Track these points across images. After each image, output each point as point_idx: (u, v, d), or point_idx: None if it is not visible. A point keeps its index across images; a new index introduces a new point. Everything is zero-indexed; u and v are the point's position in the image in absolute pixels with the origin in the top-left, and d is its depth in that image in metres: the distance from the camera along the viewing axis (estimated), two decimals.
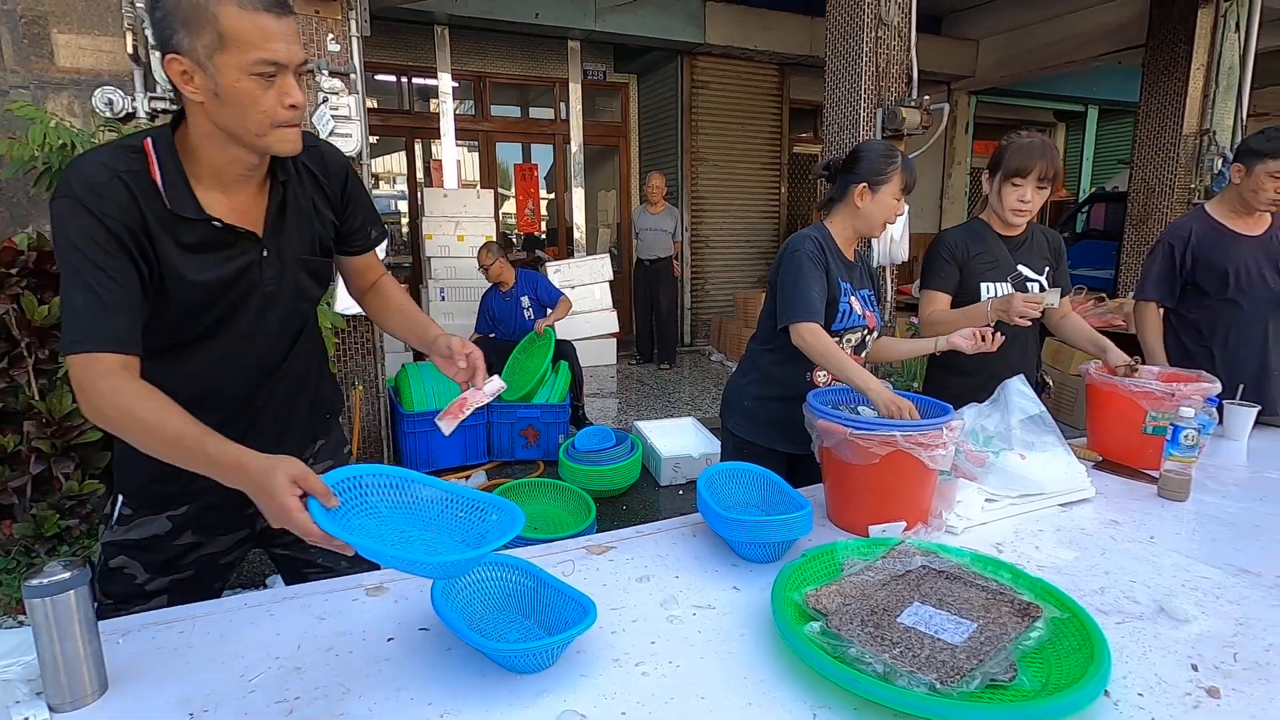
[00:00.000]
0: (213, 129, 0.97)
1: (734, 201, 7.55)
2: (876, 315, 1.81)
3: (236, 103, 0.93)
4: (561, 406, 4.01)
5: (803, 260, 1.65)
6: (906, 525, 1.30)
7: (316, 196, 1.15)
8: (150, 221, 0.96)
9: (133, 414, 0.91)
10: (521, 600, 1.05)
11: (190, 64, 0.91)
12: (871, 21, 4.32)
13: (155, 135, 0.99)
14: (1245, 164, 2.13)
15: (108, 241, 0.92)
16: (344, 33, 3.24)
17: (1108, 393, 1.73)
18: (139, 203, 0.95)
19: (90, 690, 0.84)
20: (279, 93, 0.94)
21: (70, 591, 0.81)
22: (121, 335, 0.93)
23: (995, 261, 1.94)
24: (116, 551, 1.16)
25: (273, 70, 0.92)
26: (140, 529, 1.16)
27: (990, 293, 1.91)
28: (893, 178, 1.68)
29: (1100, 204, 8.59)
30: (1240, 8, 5.78)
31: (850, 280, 1.75)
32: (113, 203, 0.93)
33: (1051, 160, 1.81)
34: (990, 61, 8.12)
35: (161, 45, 0.92)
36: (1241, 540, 1.32)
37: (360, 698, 0.86)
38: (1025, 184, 1.83)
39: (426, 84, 6.76)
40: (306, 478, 0.85)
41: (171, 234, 0.98)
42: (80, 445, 2.50)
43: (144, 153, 0.97)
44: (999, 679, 0.83)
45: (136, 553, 1.16)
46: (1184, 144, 5.94)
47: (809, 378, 1.73)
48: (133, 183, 0.95)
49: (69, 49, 2.93)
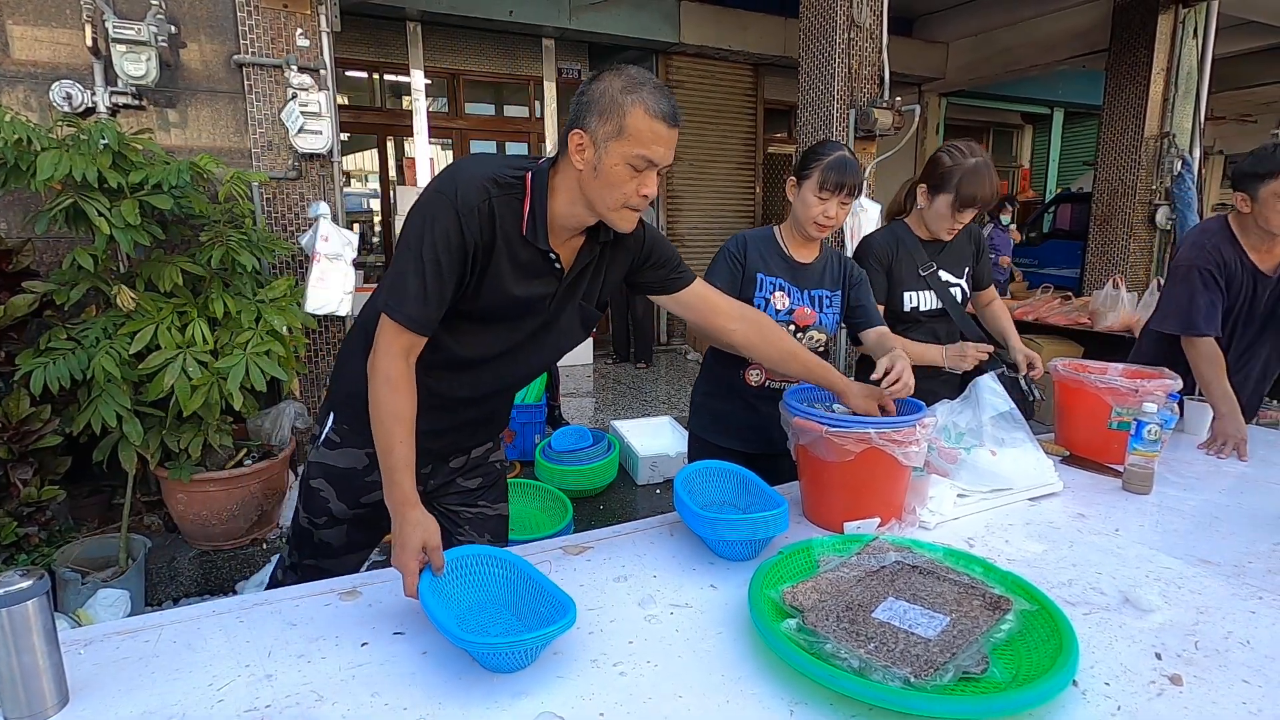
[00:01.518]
0: (578, 193, 1.14)
1: (709, 201, 7.58)
2: (821, 313, 1.73)
3: (607, 181, 1.10)
4: (538, 406, 3.98)
5: (718, 258, 1.73)
6: (881, 521, 1.31)
7: (616, 256, 1.31)
8: (498, 239, 1.14)
9: (385, 396, 1.10)
10: (503, 596, 1.05)
11: (588, 141, 1.10)
12: (844, 23, 4.37)
13: (535, 173, 1.16)
14: (1248, 191, 1.89)
15: (457, 248, 1.10)
16: (313, 28, 3.18)
17: (1075, 389, 1.77)
18: (495, 224, 1.13)
19: (50, 703, 0.82)
20: (640, 183, 1.11)
21: (28, 601, 0.79)
22: (427, 321, 1.13)
23: (917, 269, 1.93)
24: (318, 473, 1.36)
25: (645, 165, 1.10)
26: (343, 459, 1.34)
27: (912, 302, 1.92)
28: (814, 173, 1.62)
29: (1066, 204, 8.80)
30: (1198, 15, 5.96)
31: (790, 278, 1.71)
32: (474, 221, 1.11)
33: (996, 187, 1.84)
34: (960, 64, 8.26)
35: (574, 121, 1.12)
36: (1201, 532, 1.37)
37: (334, 704, 0.85)
38: (971, 210, 1.83)
39: (399, 81, 6.68)
40: (436, 550, 1.03)
41: (511, 251, 1.16)
42: (39, 450, 2.42)
43: (524, 185, 1.15)
44: (971, 671, 0.85)
45: (334, 479, 1.35)
46: (1146, 146, 6.10)
47: (741, 376, 1.75)
48: (499, 206, 1.13)
49: (24, 41, 2.83)
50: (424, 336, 1.14)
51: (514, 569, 1.06)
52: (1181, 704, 0.86)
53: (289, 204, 3.27)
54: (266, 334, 2.55)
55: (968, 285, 2.01)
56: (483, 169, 1.13)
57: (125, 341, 2.37)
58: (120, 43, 2.79)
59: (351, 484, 1.34)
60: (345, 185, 4.06)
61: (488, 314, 1.21)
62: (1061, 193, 9.49)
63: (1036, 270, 8.22)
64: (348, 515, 1.37)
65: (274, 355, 2.52)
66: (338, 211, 3.29)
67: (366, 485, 1.34)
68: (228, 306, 2.54)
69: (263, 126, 3.18)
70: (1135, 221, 6.26)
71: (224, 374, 2.44)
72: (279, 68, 3.14)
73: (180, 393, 2.36)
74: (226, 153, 3.18)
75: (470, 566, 1.07)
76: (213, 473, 2.61)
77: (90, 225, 2.33)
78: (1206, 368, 1.91)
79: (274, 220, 3.24)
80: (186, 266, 2.54)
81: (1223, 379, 1.89)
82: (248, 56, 3.10)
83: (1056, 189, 10.82)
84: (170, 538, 2.80)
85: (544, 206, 1.15)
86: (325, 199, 3.28)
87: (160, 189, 2.46)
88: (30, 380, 2.30)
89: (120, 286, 2.42)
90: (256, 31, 3.10)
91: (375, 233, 7.23)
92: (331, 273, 2.96)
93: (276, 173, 3.21)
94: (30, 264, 2.63)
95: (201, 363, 2.43)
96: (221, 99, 3.15)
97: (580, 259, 1.24)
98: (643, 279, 1.37)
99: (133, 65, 2.81)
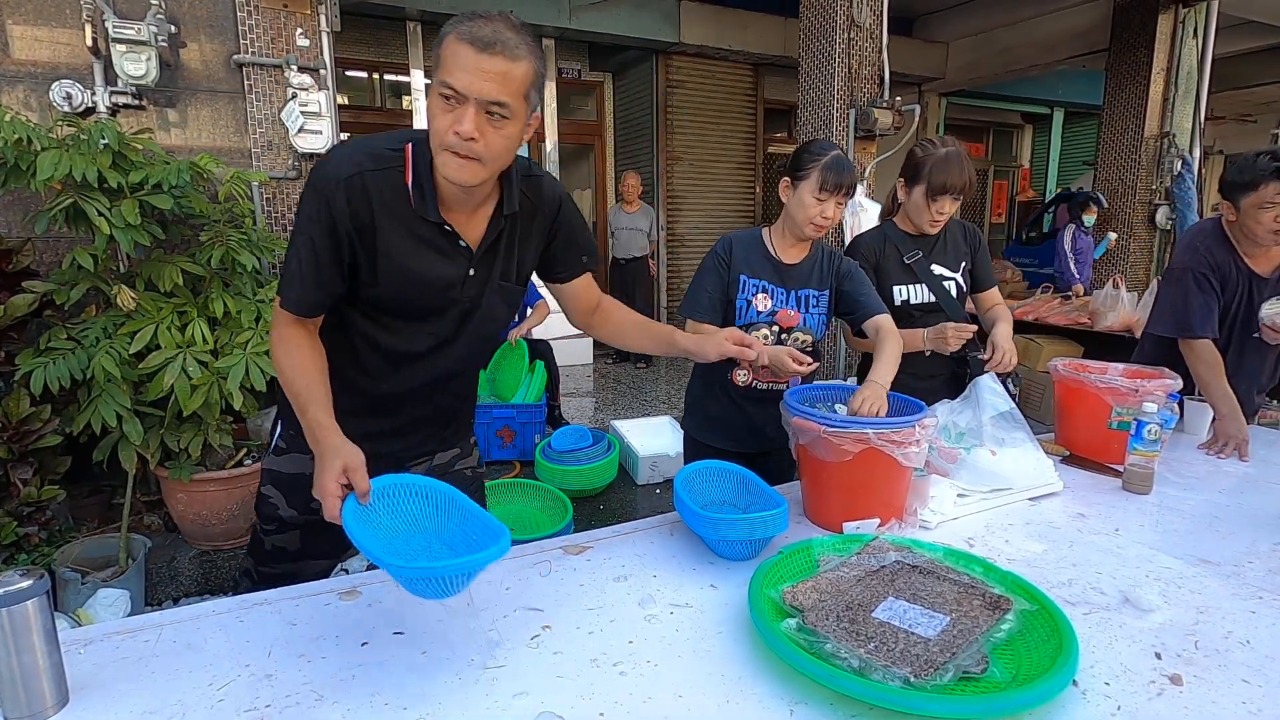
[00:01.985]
0: None
1: (709, 201, 7.58)
2: (807, 314, 1.72)
3: (429, 118, 1.05)
4: (538, 406, 3.98)
5: (706, 258, 1.73)
6: (880, 521, 1.31)
7: (530, 229, 1.26)
8: (377, 215, 1.10)
9: (281, 359, 1.12)
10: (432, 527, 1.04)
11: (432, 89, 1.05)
12: (844, 23, 4.37)
13: (416, 142, 1.11)
14: (1231, 201, 1.92)
15: (327, 228, 1.09)
16: (313, 28, 3.18)
17: (1075, 389, 1.77)
18: (368, 198, 1.09)
19: (50, 703, 0.82)
20: (454, 119, 1.02)
21: (28, 601, 0.79)
22: (307, 304, 1.13)
23: (902, 260, 1.93)
24: (268, 480, 1.35)
25: (452, 95, 1.01)
26: (289, 464, 1.31)
27: (902, 296, 1.92)
28: (811, 174, 1.60)
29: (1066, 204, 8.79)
30: (1198, 14, 5.96)
31: (776, 279, 1.70)
32: (340, 196, 1.08)
33: (971, 176, 1.83)
34: (960, 64, 8.26)
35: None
36: (1201, 531, 1.37)
37: (334, 704, 0.85)
38: (945, 198, 1.84)
39: (399, 80, 6.68)
40: (356, 471, 0.98)
41: (403, 227, 1.12)
42: (39, 450, 2.42)
43: (403, 155, 1.11)
44: (971, 671, 0.85)
45: (281, 486, 1.33)
46: (1145, 146, 6.11)
47: (729, 377, 1.74)
48: (372, 180, 1.09)
49: (24, 41, 2.83)
50: (310, 318, 1.15)
51: (447, 499, 1.04)
52: (1182, 704, 0.86)
53: (289, 204, 3.27)
54: (266, 334, 2.55)
55: (964, 281, 1.99)
56: (359, 147, 1.11)
57: (125, 341, 2.37)
58: (120, 42, 2.79)
59: (299, 489, 1.28)
60: None
61: (401, 300, 1.18)
62: (1061, 193, 9.48)
63: (1036, 270, 8.22)
64: (299, 521, 1.34)
65: None
66: None
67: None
68: (228, 306, 2.55)
69: (263, 126, 3.18)
70: (1135, 221, 6.27)
71: (224, 374, 2.44)
72: (279, 67, 3.14)
73: (180, 392, 2.36)
74: (226, 152, 3.18)
75: (399, 497, 1.03)
76: (213, 472, 2.61)
77: (90, 225, 2.33)
78: (1204, 370, 1.91)
79: (274, 220, 3.24)
80: (186, 266, 2.54)
81: (1221, 380, 1.89)
82: (248, 56, 3.10)
83: (1056, 189, 10.81)
84: (170, 537, 2.80)
85: (430, 172, 1.10)
86: None
87: (160, 189, 2.46)
88: (30, 380, 2.30)
89: (120, 286, 2.42)
90: (256, 31, 3.11)
91: None
92: None
93: (276, 172, 3.21)
94: (30, 264, 2.63)
95: (201, 362, 2.43)
96: (221, 99, 3.15)
97: (489, 234, 1.19)
98: (553, 257, 1.33)
99: (133, 65, 2.81)
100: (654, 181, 7.16)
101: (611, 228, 6.34)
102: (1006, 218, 11.38)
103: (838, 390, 1.53)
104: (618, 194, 6.62)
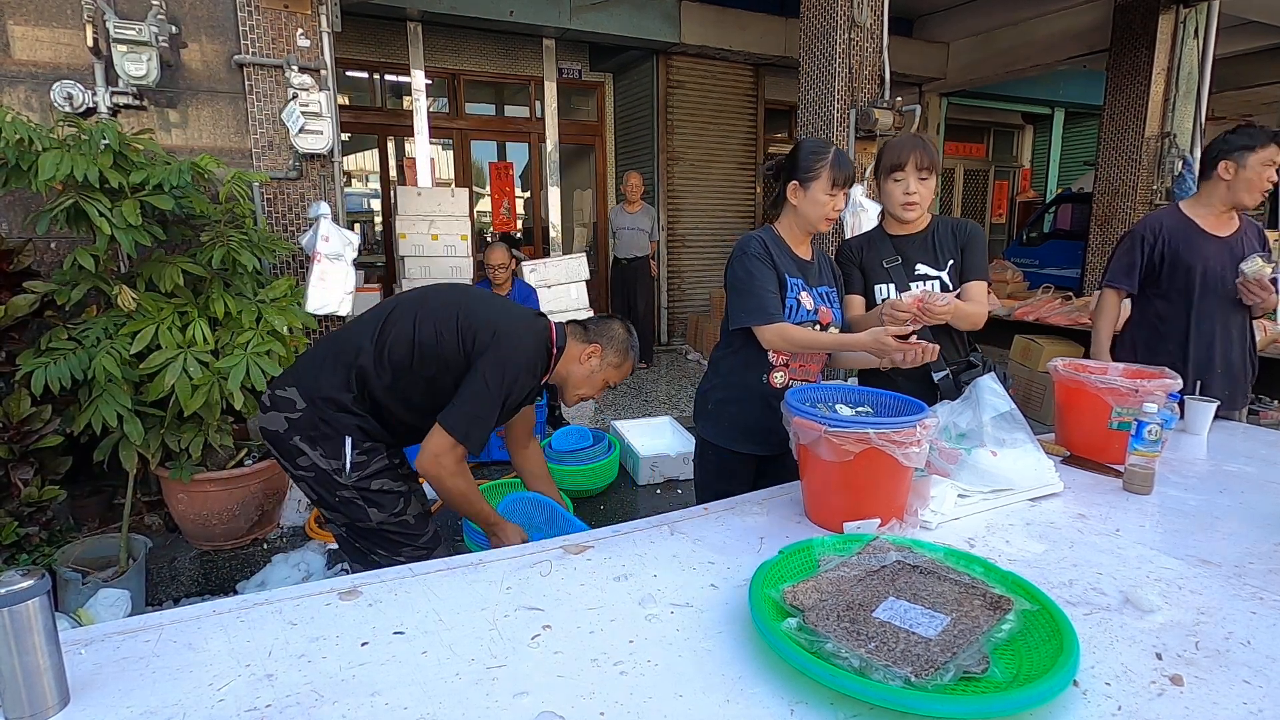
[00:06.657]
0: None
1: (710, 201, 7.58)
2: (834, 311, 1.80)
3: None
4: (538, 406, 3.98)
5: (750, 262, 1.69)
6: (881, 521, 1.31)
7: None
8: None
9: (465, 487, 1.73)
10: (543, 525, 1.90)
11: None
12: (844, 23, 4.37)
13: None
14: (1235, 160, 2.18)
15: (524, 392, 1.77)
16: (314, 28, 3.19)
17: (1075, 389, 1.77)
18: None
19: (50, 703, 0.82)
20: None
21: (29, 601, 0.79)
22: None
23: (886, 264, 1.94)
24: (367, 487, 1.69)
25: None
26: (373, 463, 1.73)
27: (883, 294, 1.93)
28: (821, 174, 1.68)
29: (1066, 204, 8.79)
30: (1199, 15, 5.95)
31: (803, 277, 1.76)
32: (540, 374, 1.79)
33: (925, 150, 1.83)
34: (960, 64, 8.26)
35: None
36: (1202, 532, 1.36)
37: (334, 704, 0.85)
38: (906, 175, 1.84)
39: (399, 81, 6.68)
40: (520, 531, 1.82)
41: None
42: (40, 450, 2.42)
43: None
44: (972, 671, 0.85)
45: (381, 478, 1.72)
46: (1146, 146, 6.10)
47: (765, 379, 1.74)
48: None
49: (26, 41, 2.84)
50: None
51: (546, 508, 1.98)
52: (1182, 704, 0.86)
53: (290, 204, 3.27)
54: (267, 334, 2.55)
55: (951, 280, 1.94)
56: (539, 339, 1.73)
57: (126, 341, 2.37)
58: (121, 43, 2.79)
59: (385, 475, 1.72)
60: (346, 185, 4.06)
61: None
62: (1062, 193, 9.48)
63: (1037, 270, 8.21)
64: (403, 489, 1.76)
65: (275, 355, 2.53)
66: (338, 211, 3.29)
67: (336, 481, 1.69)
68: (228, 306, 2.55)
69: (263, 127, 3.18)
70: (1136, 222, 6.26)
71: (224, 374, 2.44)
72: (279, 68, 3.14)
73: (181, 393, 2.36)
74: (227, 153, 3.18)
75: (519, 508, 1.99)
76: (213, 473, 2.61)
77: (91, 225, 2.33)
78: (1097, 316, 2.40)
79: (275, 220, 3.25)
80: (187, 267, 2.54)
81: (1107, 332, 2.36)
82: (248, 57, 3.10)
83: (1057, 189, 10.81)
84: (171, 538, 2.80)
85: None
86: (326, 199, 3.28)
87: (161, 189, 2.46)
88: (31, 380, 2.30)
89: (121, 286, 2.43)
90: (257, 32, 3.11)
91: (376, 233, 7.23)
92: (332, 273, 2.96)
93: (277, 173, 3.21)
94: (31, 264, 2.63)
95: (202, 363, 2.43)
96: (222, 99, 3.15)
97: None
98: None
99: (133, 65, 2.81)
100: (654, 182, 7.16)
101: (613, 227, 6.34)
102: (1007, 218, 11.38)
103: (838, 390, 1.53)
104: (619, 194, 6.62)
